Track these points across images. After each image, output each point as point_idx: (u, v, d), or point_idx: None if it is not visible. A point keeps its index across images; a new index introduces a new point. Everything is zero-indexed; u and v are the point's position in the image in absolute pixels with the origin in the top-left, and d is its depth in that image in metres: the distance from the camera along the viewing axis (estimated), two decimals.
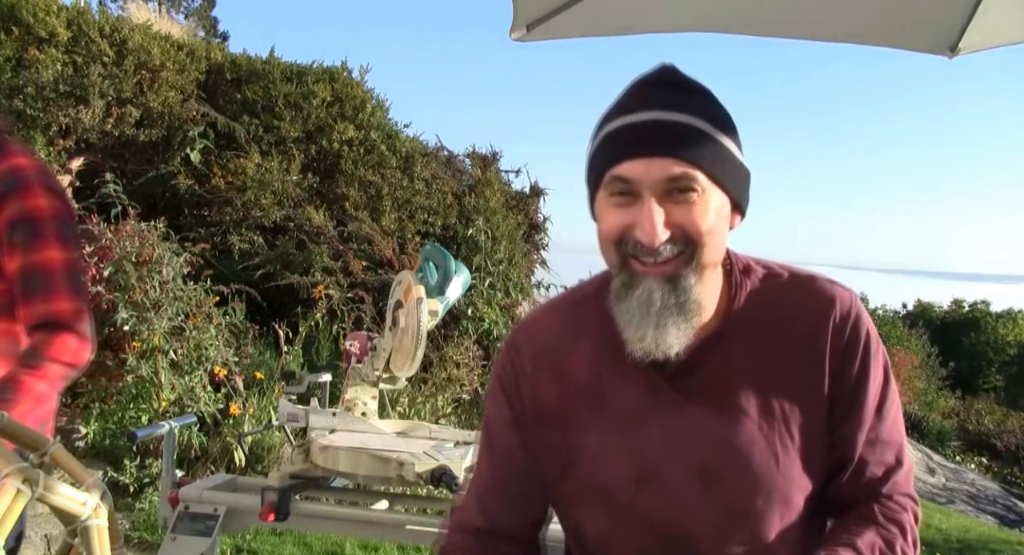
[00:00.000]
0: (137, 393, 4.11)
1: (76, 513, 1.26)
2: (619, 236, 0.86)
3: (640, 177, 0.83)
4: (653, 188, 0.83)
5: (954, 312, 19.81)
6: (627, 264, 0.86)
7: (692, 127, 0.84)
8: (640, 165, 0.83)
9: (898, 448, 0.95)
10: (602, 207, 0.88)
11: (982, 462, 12.06)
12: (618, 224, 0.85)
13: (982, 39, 1.75)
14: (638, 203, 0.84)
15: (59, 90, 5.19)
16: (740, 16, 1.87)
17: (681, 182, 0.82)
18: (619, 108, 0.88)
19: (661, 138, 0.83)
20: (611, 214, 0.86)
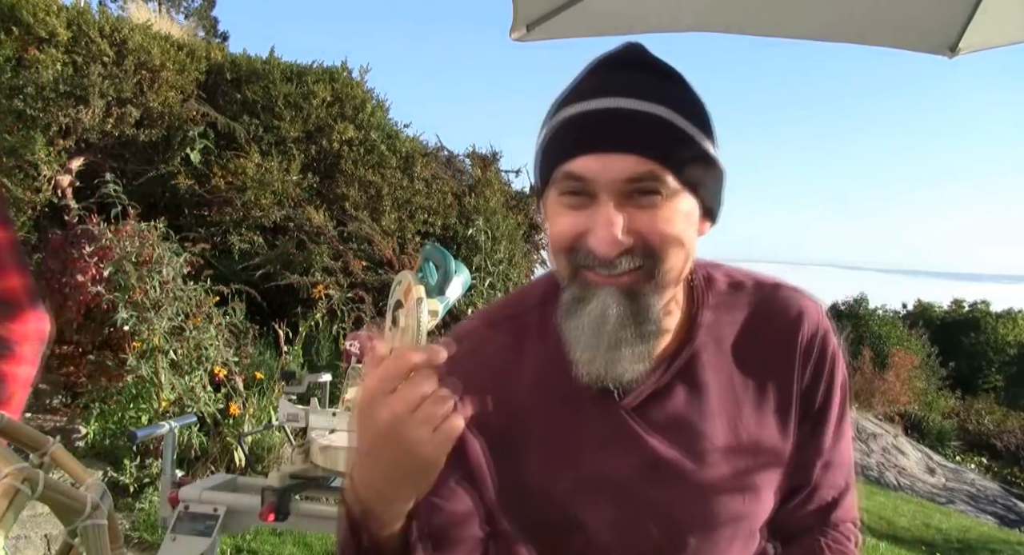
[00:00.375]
0: (137, 393, 4.11)
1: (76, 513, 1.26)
2: (570, 243, 0.73)
3: (596, 175, 0.70)
4: (611, 188, 0.70)
5: (954, 312, 19.81)
6: (579, 275, 0.74)
7: (660, 118, 0.71)
8: (597, 161, 0.70)
9: (848, 470, 0.90)
10: (552, 207, 0.76)
11: (982, 462, 12.07)
12: (570, 229, 0.73)
13: (982, 39, 1.75)
14: (593, 205, 0.71)
15: (59, 90, 5.19)
16: (740, 16, 1.87)
17: (645, 183, 0.70)
18: (575, 92, 0.75)
19: (623, 130, 0.70)
20: (562, 216, 0.74)
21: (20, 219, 5.21)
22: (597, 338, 0.73)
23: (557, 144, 0.74)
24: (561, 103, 0.76)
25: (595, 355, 0.74)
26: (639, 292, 0.73)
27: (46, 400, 4.65)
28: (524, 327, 0.86)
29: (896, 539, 6.43)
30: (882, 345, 14.95)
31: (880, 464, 9.86)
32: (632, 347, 0.73)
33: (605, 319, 0.72)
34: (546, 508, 0.82)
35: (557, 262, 0.77)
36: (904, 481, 9.53)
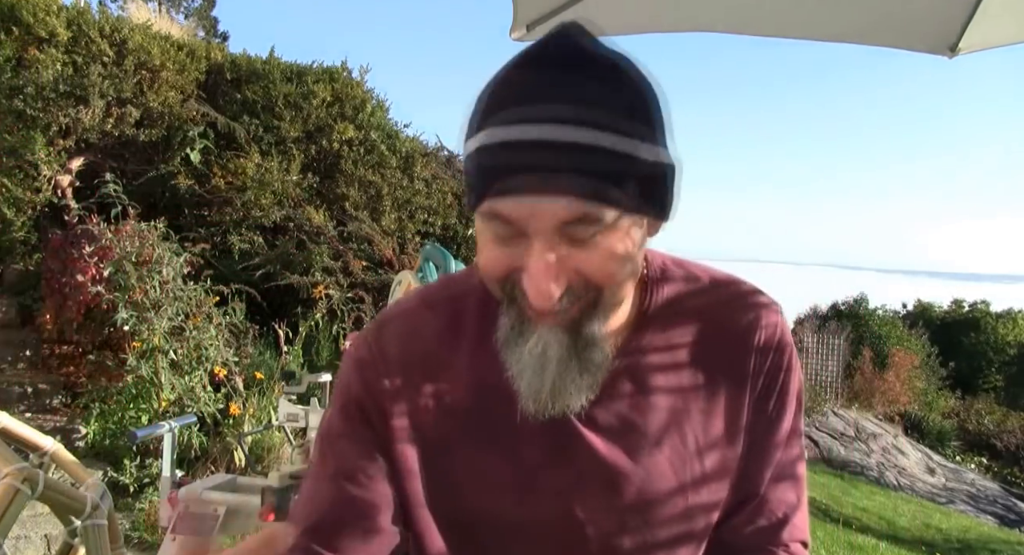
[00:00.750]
0: (137, 393, 4.11)
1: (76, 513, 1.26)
2: (502, 277, 0.67)
3: (525, 221, 0.63)
4: (543, 233, 0.63)
5: (954, 312, 19.80)
6: (516, 304, 0.68)
7: (593, 148, 0.61)
8: (524, 207, 0.62)
9: (801, 487, 0.84)
10: (481, 230, 0.68)
11: (982, 462, 12.06)
12: (500, 266, 0.66)
13: (982, 39, 1.75)
14: (522, 243, 0.64)
15: (59, 90, 5.20)
16: (740, 16, 1.87)
17: (581, 225, 0.63)
18: (497, 102, 0.65)
19: (551, 168, 0.61)
20: (490, 249, 0.67)
21: (20, 219, 5.22)
22: (540, 378, 0.68)
23: (480, 174, 0.65)
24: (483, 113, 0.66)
25: (540, 392, 0.69)
26: (582, 323, 0.67)
27: (46, 400, 4.65)
28: (463, 311, 0.80)
29: (896, 539, 6.43)
30: (882, 345, 14.94)
31: (880, 464, 9.86)
32: (577, 382, 0.69)
33: (547, 359, 0.68)
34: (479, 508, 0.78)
35: (490, 286, 0.71)
36: (904, 481, 9.53)
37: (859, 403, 12.87)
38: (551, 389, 0.69)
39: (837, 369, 13.93)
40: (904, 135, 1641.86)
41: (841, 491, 8.10)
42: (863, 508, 7.48)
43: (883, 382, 13.20)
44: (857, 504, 7.60)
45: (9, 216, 5.12)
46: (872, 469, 9.61)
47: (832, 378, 13.92)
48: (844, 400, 12.95)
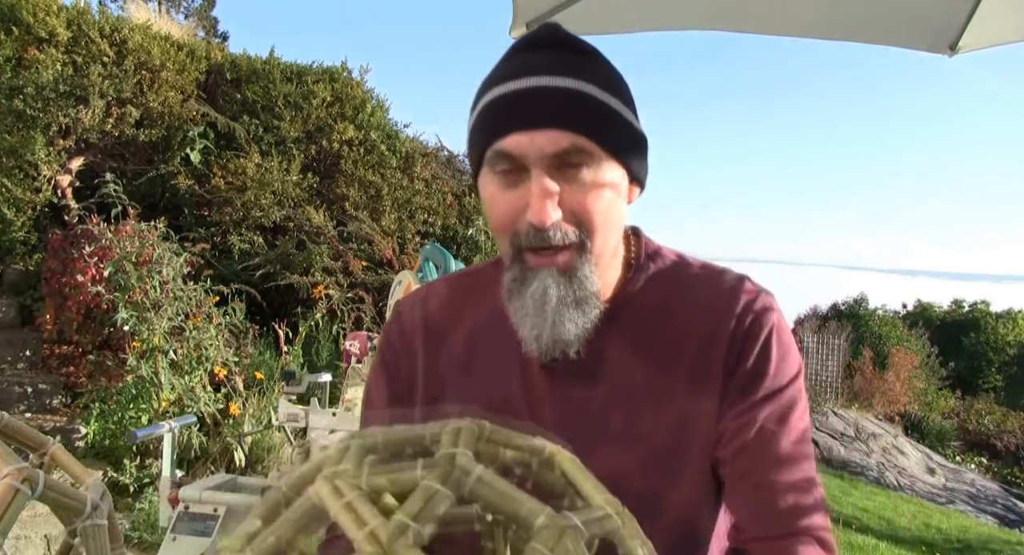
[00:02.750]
0: (137, 393, 4.11)
1: (76, 513, 1.26)
2: (511, 224, 0.77)
3: (525, 151, 0.74)
4: (541, 163, 0.74)
5: (954, 312, 19.79)
6: (520, 257, 0.78)
7: (580, 93, 0.74)
8: (524, 138, 0.73)
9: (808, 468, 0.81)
10: (488, 187, 0.79)
11: (982, 462, 12.06)
12: (508, 209, 0.77)
13: (982, 38, 1.75)
14: (526, 180, 0.75)
15: (59, 90, 5.20)
16: (740, 14, 1.87)
17: (571, 156, 0.74)
18: (498, 76, 0.78)
19: (546, 106, 0.74)
20: (499, 198, 0.78)
21: (20, 219, 5.22)
22: (541, 316, 0.77)
23: (485, 125, 0.77)
24: (485, 87, 0.79)
25: (541, 331, 0.78)
26: (575, 267, 0.77)
27: (46, 400, 4.65)
28: (479, 282, 0.91)
29: (896, 539, 6.43)
30: (882, 345, 14.92)
31: (880, 464, 9.86)
32: (574, 319, 0.77)
33: (546, 298, 0.77)
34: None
35: (500, 243, 0.81)
36: (904, 481, 9.53)
37: (859, 403, 12.87)
38: (551, 326, 0.77)
39: (837, 369, 13.93)
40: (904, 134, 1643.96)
41: (841, 491, 8.10)
42: (863, 508, 7.47)
43: (883, 382, 13.19)
44: (857, 504, 7.60)
45: (9, 216, 5.12)
46: (872, 469, 9.61)
47: (832, 378, 13.91)
48: (844, 400, 12.95)
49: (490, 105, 0.77)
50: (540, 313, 0.77)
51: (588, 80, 0.75)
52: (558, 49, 0.79)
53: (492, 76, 0.79)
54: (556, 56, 0.77)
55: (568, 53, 0.78)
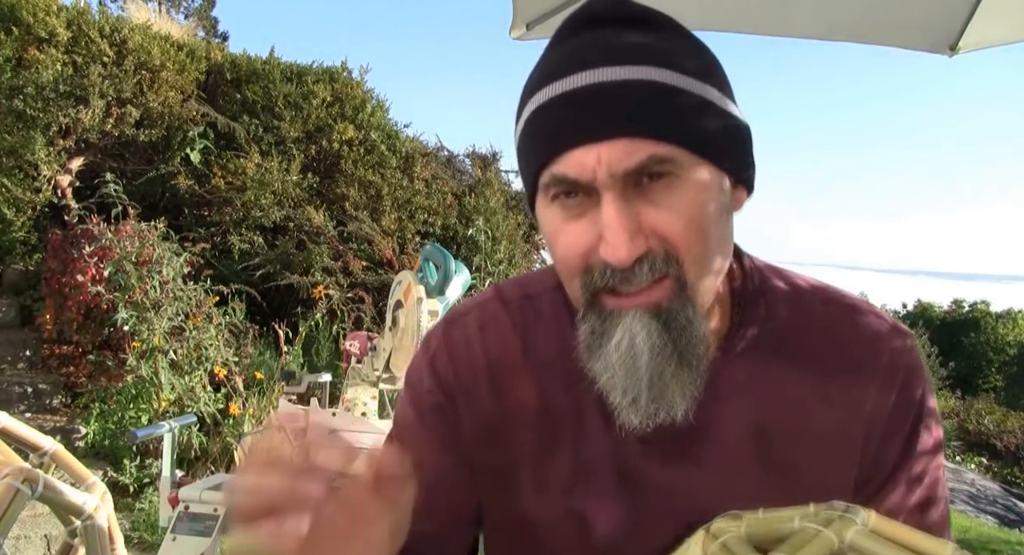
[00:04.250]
0: (137, 393, 4.11)
1: (76, 513, 1.26)
2: (582, 262, 0.60)
3: (590, 174, 0.57)
4: (612, 184, 0.56)
5: (954, 312, 19.79)
6: (597, 301, 0.61)
7: (656, 84, 0.56)
8: (587, 155, 0.56)
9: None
10: (548, 219, 0.62)
11: (982, 462, 12.06)
12: (576, 245, 0.60)
13: (982, 38, 1.75)
14: (594, 206, 0.58)
15: (59, 90, 5.20)
16: (740, 15, 1.87)
17: (651, 169, 0.56)
18: (548, 70, 0.60)
19: (612, 109, 0.56)
20: (564, 232, 0.60)
21: (20, 219, 5.22)
22: (634, 375, 0.59)
23: (535, 140, 0.60)
24: (532, 86, 0.62)
25: (638, 395, 0.60)
26: (671, 309, 0.59)
27: (46, 400, 4.65)
28: (539, 313, 0.73)
29: None
30: None
31: None
32: (679, 376, 0.59)
33: (636, 351, 0.58)
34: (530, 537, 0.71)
35: (570, 289, 0.64)
36: None
37: None
38: (649, 386, 0.59)
39: None
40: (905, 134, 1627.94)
41: None
42: None
43: None
44: None
45: (9, 216, 5.12)
46: None
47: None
48: None
49: (539, 112, 0.60)
50: (631, 371, 0.59)
51: (662, 64, 0.57)
52: (621, 25, 0.60)
53: (539, 70, 0.62)
54: (617, 36, 0.59)
55: (632, 29, 0.59)
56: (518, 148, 0.65)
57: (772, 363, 0.67)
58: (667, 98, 0.57)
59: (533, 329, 0.72)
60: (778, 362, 0.67)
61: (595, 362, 0.61)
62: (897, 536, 0.40)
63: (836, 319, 0.69)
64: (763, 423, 0.66)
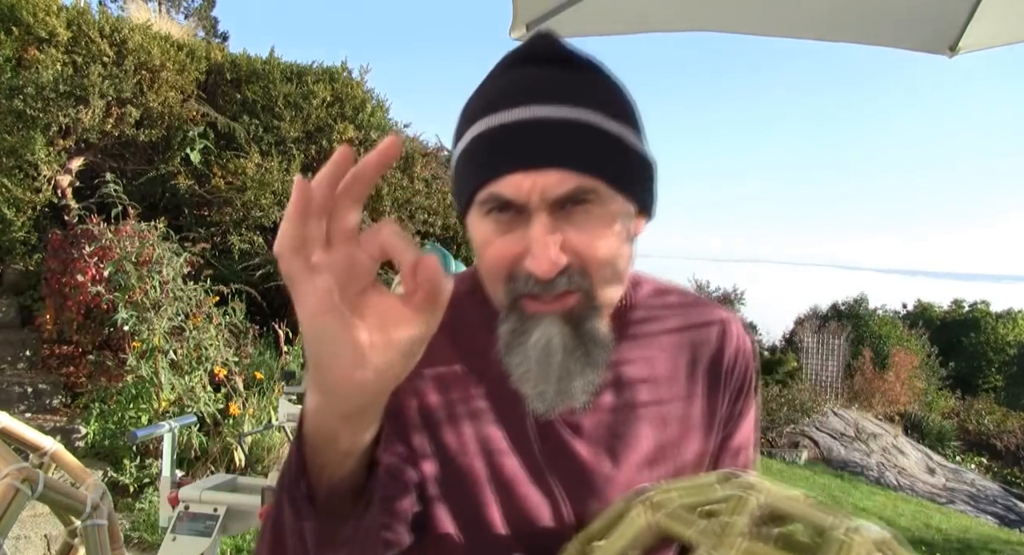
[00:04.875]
0: (137, 393, 4.11)
1: (76, 513, 1.26)
2: (508, 271, 0.69)
3: (526, 196, 0.66)
4: (543, 206, 0.66)
5: (954, 312, 19.79)
6: (518, 305, 0.70)
7: (587, 125, 0.67)
8: (524, 180, 0.65)
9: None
10: (479, 230, 0.70)
11: (982, 462, 12.06)
12: (504, 254, 0.68)
13: (982, 39, 1.75)
14: (523, 223, 0.67)
15: (59, 90, 5.20)
16: (740, 15, 1.87)
17: (576, 197, 0.66)
18: (489, 100, 0.69)
19: (548, 143, 0.66)
20: (494, 242, 0.69)
21: (20, 219, 5.22)
22: (545, 371, 0.69)
23: (476, 162, 0.69)
24: (474, 113, 0.70)
25: (545, 390, 0.70)
26: (581, 317, 0.69)
27: (46, 400, 4.65)
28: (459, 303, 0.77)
29: None
30: (882, 345, 14.93)
31: (880, 464, 9.86)
32: (583, 376, 0.70)
33: (550, 350, 0.68)
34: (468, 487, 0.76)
35: (494, 292, 0.72)
36: (904, 481, 9.53)
37: (859, 403, 12.87)
38: (557, 381, 0.69)
39: (837, 369, 13.93)
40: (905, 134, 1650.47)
41: (841, 491, 8.10)
42: (863, 508, 7.48)
43: (883, 382, 13.20)
44: (857, 504, 7.60)
45: (9, 216, 5.12)
46: (872, 469, 9.61)
47: (832, 378, 13.91)
48: (844, 400, 12.95)
49: (482, 138, 0.68)
50: (544, 367, 0.69)
51: (593, 107, 0.68)
52: (555, 66, 0.70)
53: (481, 98, 0.71)
54: (554, 77, 0.69)
55: (567, 72, 0.70)
56: (456, 166, 0.73)
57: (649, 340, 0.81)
58: (593, 137, 0.67)
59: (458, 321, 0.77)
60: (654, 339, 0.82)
61: (513, 357, 0.70)
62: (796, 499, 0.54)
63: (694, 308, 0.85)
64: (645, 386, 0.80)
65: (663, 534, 0.55)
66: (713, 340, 0.83)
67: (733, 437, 0.85)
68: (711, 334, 0.84)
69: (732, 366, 0.83)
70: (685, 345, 0.82)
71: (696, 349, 0.83)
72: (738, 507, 0.52)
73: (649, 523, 0.54)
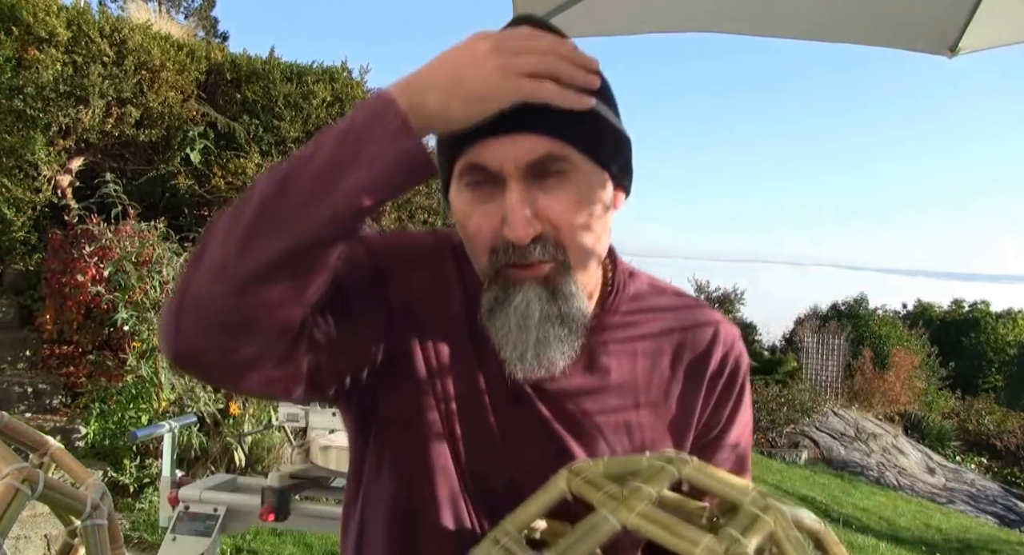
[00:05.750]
0: (137, 393, 4.11)
1: (76, 513, 1.26)
2: (489, 241, 0.71)
3: (500, 162, 0.68)
4: (516, 173, 0.69)
5: (954, 312, 19.78)
6: (500, 274, 0.72)
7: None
8: (497, 146, 0.68)
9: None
10: (460, 202, 0.73)
11: (982, 462, 12.06)
12: (484, 225, 0.71)
13: (982, 39, 1.75)
14: (500, 193, 0.70)
15: (59, 90, 5.19)
16: (740, 16, 1.87)
17: (549, 164, 0.69)
18: None
19: (518, 110, 0.67)
20: (475, 214, 0.72)
21: (20, 219, 5.22)
22: (525, 334, 0.71)
23: (456, 137, 0.71)
24: None
25: (524, 350, 0.72)
26: (558, 283, 0.71)
27: (46, 400, 4.65)
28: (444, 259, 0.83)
29: (896, 539, 6.43)
30: (882, 345, 14.93)
31: (880, 464, 9.87)
32: (560, 337, 0.72)
33: (529, 313, 0.71)
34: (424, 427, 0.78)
35: (477, 263, 0.75)
36: (904, 481, 9.53)
37: (859, 403, 12.87)
38: (535, 344, 0.71)
39: (837, 369, 13.94)
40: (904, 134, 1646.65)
41: (841, 491, 8.11)
42: (863, 508, 7.48)
43: (883, 382, 13.20)
44: (857, 504, 7.61)
45: (9, 216, 5.12)
46: (872, 469, 9.61)
47: (832, 378, 13.92)
48: (844, 400, 12.96)
49: None
50: (523, 330, 0.71)
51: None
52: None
53: None
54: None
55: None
56: (439, 141, 0.75)
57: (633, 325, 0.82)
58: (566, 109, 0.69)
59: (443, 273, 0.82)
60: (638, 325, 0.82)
61: (494, 321, 0.73)
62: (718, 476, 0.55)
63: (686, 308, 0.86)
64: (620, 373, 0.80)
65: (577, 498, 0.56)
66: (702, 343, 0.83)
67: (721, 439, 0.84)
68: (700, 336, 0.83)
69: (719, 370, 0.83)
70: (671, 343, 0.83)
71: (682, 349, 0.83)
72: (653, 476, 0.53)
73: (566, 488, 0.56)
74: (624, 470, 0.56)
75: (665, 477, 0.54)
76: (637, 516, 0.49)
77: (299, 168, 0.67)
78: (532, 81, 0.66)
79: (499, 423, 0.78)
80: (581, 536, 0.51)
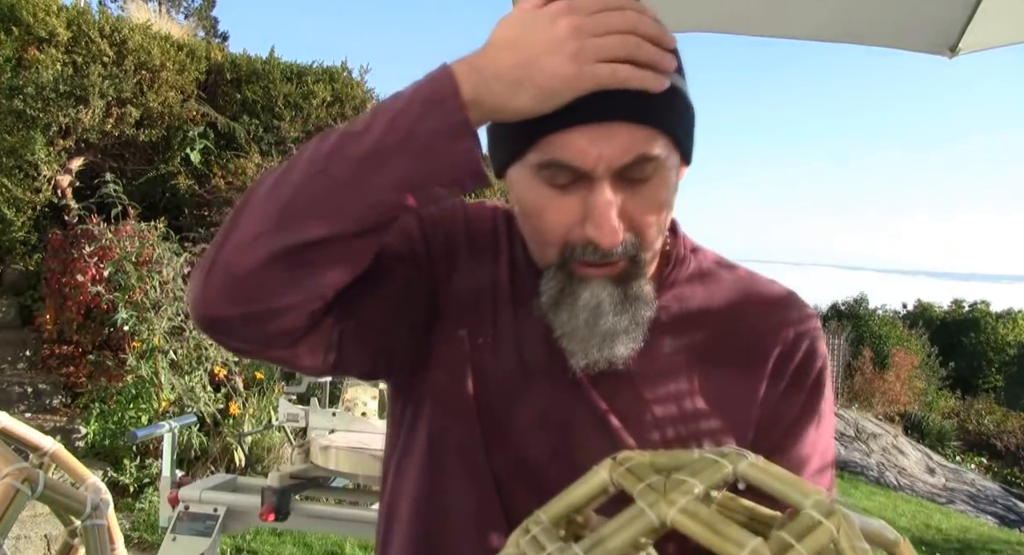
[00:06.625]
0: (137, 393, 4.11)
1: (76, 513, 1.26)
2: (563, 235, 0.66)
3: (593, 163, 0.62)
4: (608, 174, 0.63)
5: (954, 312, 19.78)
6: (567, 265, 0.68)
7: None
8: (586, 141, 0.61)
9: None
10: (532, 192, 0.67)
11: (982, 462, 12.06)
12: (563, 223, 0.66)
13: (982, 39, 1.75)
14: (583, 188, 0.64)
15: (59, 90, 5.19)
16: (740, 16, 1.87)
17: (641, 164, 0.63)
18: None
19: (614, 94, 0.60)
20: (551, 207, 0.66)
21: (20, 219, 5.22)
22: (592, 331, 0.68)
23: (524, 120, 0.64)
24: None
25: (589, 350, 0.68)
26: (628, 279, 0.68)
27: (46, 400, 4.65)
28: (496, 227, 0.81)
29: None
30: (882, 345, 14.92)
31: (880, 464, 9.86)
32: (627, 334, 0.69)
33: (600, 311, 0.67)
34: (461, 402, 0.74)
35: (542, 253, 0.70)
36: (904, 481, 9.53)
37: (859, 403, 12.86)
38: (601, 341, 0.68)
39: (837, 369, 13.93)
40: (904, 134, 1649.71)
41: (841, 491, 8.11)
42: (863, 508, 7.48)
43: (883, 382, 13.19)
44: (857, 504, 7.60)
45: (9, 216, 5.12)
46: (872, 469, 9.60)
47: (832, 378, 13.90)
48: (844, 400, 12.95)
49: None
50: (592, 329, 0.68)
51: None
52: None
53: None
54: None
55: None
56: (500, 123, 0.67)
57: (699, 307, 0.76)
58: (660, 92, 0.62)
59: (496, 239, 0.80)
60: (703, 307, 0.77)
61: (559, 313, 0.69)
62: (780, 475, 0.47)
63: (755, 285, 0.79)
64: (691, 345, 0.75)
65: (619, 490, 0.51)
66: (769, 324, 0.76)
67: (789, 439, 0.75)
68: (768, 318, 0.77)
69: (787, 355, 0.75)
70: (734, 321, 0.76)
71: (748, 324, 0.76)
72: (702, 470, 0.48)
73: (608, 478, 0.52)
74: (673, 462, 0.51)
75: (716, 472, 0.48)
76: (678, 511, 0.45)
77: (347, 144, 0.62)
78: (608, 66, 0.59)
79: (541, 406, 0.73)
80: (615, 530, 0.47)
